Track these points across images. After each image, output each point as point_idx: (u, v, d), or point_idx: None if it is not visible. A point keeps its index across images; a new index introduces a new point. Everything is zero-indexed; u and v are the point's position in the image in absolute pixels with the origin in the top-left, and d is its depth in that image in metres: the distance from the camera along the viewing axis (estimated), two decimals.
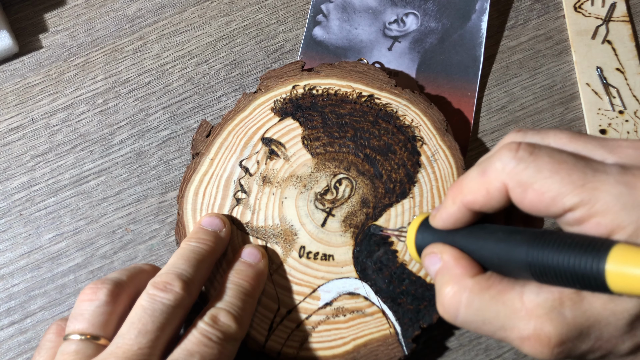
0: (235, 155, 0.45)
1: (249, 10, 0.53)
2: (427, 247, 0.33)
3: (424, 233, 0.34)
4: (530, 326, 0.27)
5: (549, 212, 0.28)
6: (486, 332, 0.29)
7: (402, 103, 0.45)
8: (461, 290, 0.29)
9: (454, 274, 0.30)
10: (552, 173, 0.27)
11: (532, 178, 0.28)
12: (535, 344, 0.27)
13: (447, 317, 0.30)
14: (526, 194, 0.28)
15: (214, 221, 0.43)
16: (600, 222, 0.26)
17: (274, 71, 0.47)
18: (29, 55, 0.52)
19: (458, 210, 0.31)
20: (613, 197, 0.26)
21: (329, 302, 0.42)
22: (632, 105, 0.48)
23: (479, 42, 0.50)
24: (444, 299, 0.30)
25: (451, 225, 0.32)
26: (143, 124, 0.50)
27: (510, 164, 0.28)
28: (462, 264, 0.30)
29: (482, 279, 0.29)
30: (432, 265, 0.32)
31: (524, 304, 0.27)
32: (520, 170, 0.28)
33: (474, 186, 0.30)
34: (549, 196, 0.27)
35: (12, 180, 0.48)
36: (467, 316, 0.29)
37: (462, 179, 0.31)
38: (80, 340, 0.36)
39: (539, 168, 0.28)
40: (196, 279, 0.39)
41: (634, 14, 0.52)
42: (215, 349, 0.36)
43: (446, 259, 0.31)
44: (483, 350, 0.44)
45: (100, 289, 0.37)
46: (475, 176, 0.30)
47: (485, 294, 0.29)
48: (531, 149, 0.28)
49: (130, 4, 0.53)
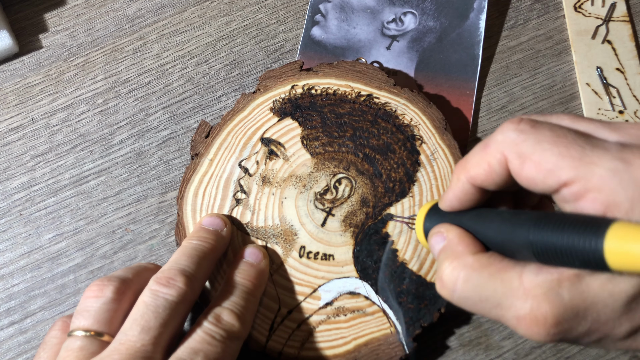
0: (235, 156, 0.45)
1: (249, 10, 0.53)
2: (434, 228, 0.33)
3: (431, 217, 0.35)
4: (527, 305, 0.27)
5: (545, 186, 0.28)
6: (482, 310, 0.29)
7: (401, 102, 0.45)
8: (460, 266, 0.30)
9: (456, 251, 0.30)
10: (551, 145, 0.27)
11: (530, 149, 0.28)
12: (531, 323, 0.27)
13: (444, 293, 0.30)
14: (524, 165, 0.28)
15: (215, 221, 0.43)
16: (595, 197, 0.26)
17: (273, 71, 0.47)
18: (29, 55, 0.52)
19: (463, 188, 0.31)
20: (609, 173, 0.26)
21: (329, 302, 0.42)
22: (632, 105, 0.48)
23: (477, 40, 0.50)
24: (442, 274, 0.30)
25: (457, 205, 0.32)
26: (143, 124, 0.50)
27: (511, 135, 0.29)
28: (465, 242, 0.31)
29: (482, 256, 0.30)
30: (437, 244, 0.32)
31: (523, 283, 0.27)
32: (520, 142, 0.28)
33: (476, 160, 0.30)
34: (546, 168, 0.27)
35: (12, 180, 0.48)
36: (464, 292, 0.29)
37: (466, 156, 0.31)
38: (84, 336, 0.36)
39: (539, 140, 0.28)
40: (199, 275, 0.39)
41: (634, 14, 0.52)
42: (218, 347, 0.36)
43: (450, 237, 0.31)
44: (483, 350, 0.43)
45: (107, 286, 0.37)
46: (478, 150, 0.30)
47: (484, 271, 0.29)
48: (533, 123, 0.29)
49: (130, 4, 0.53)
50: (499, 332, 0.44)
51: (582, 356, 0.43)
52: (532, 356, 0.43)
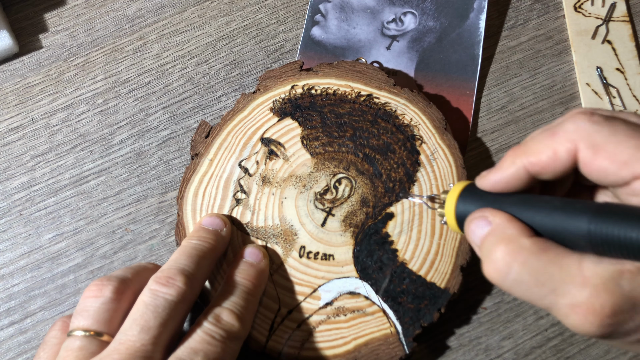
0: (235, 156, 0.45)
1: (249, 10, 0.53)
2: (474, 212, 0.31)
3: (466, 200, 0.32)
4: (585, 293, 0.26)
5: (616, 177, 0.27)
6: (534, 296, 0.28)
7: (400, 102, 0.45)
8: (517, 249, 0.28)
9: (508, 234, 0.29)
10: (627, 137, 0.27)
11: (605, 140, 0.27)
12: (587, 312, 0.26)
13: (495, 277, 0.29)
14: (597, 156, 0.27)
15: (215, 221, 0.43)
16: None
17: (273, 71, 0.47)
18: (29, 55, 0.52)
19: (516, 172, 0.30)
20: None
21: (329, 302, 0.42)
22: (632, 105, 0.48)
23: (477, 40, 0.50)
24: (496, 257, 0.29)
25: (502, 188, 0.31)
26: (143, 124, 0.50)
27: (585, 125, 0.28)
28: (517, 225, 0.29)
29: (539, 241, 0.28)
30: (480, 229, 0.30)
31: (582, 271, 0.27)
32: (593, 132, 0.27)
33: (540, 147, 0.29)
34: (621, 159, 0.27)
35: (12, 180, 0.48)
36: (520, 275, 0.28)
37: (526, 141, 0.30)
38: (84, 336, 0.36)
39: (614, 131, 0.27)
40: (198, 274, 0.39)
41: (634, 14, 0.52)
42: (218, 347, 0.36)
43: (497, 221, 0.30)
44: (483, 350, 0.43)
45: (106, 285, 0.37)
46: (543, 138, 0.29)
47: (543, 256, 0.28)
48: (606, 116, 0.28)
49: (130, 4, 0.53)
50: (499, 332, 0.44)
51: (582, 356, 0.43)
52: (532, 356, 0.43)
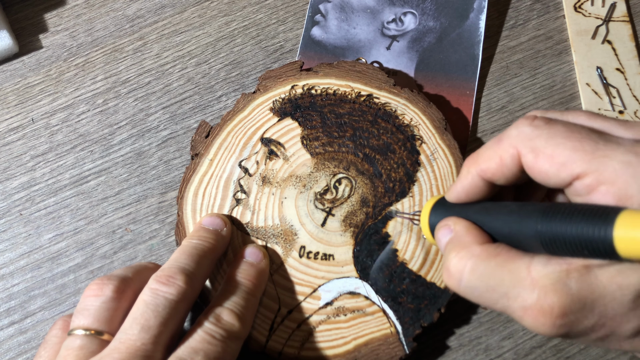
0: (235, 156, 0.45)
1: (249, 10, 0.53)
2: (440, 222, 0.33)
3: (437, 211, 0.35)
4: (534, 296, 0.27)
5: (558, 179, 0.28)
6: (488, 301, 0.29)
7: (401, 102, 0.45)
8: (467, 256, 0.30)
9: (463, 241, 0.31)
10: (564, 140, 0.28)
11: (544, 143, 0.28)
12: (537, 314, 0.27)
13: (451, 283, 0.30)
14: (537, 159, 0.28)
15: (215, 220, 0.43)
16: (608, 190, 0.26)
17: (273, 71, 0.47)
18: (29, 55, 0.52)
19: (472, 181, 0.32)
20: (622, 166, 0.26)
21: (329, 302, 0.42)
22: (632, 105, 0.48)
23: (477, 40, 0.50)
24: (449, 264, 0.30)
25: (465, 197, 0.32)
26: (143, 124, 0.50)
27: (525, 130, 0.29)
28: (472, 232, 0.31)
29: (490, 246, 0.30)
30: (444, 237, 0.32)
31: (530, 274, 0.27)
32: (534, 136, 0.29)
33: (488, 154, 0.31)
34: (559, 161, 0.28)
35: (12, 180, 0.48)
36: (471, 282, 0.29)
37: (478, 150, 0.32)
38: (84, 335, 0.36)
39: (553, 135, 0.28)
40: (199, 273, 0.39)
41: (634, 14, 0.52)
42: (219, 346, 0.36)
43: (457, 229, 0.32)
44: (483, 350, 0.43)
45: (107, 284, 0.37)
46: (491, 145, 0.31)
47: (492, 261, 0.29)
48: (547, 120, 0.29)
49: (130, 4, 0.53)
50: (499, 332, 0.44)
51: (582, 356, 0.43)
52: (532, 356, 0.43)
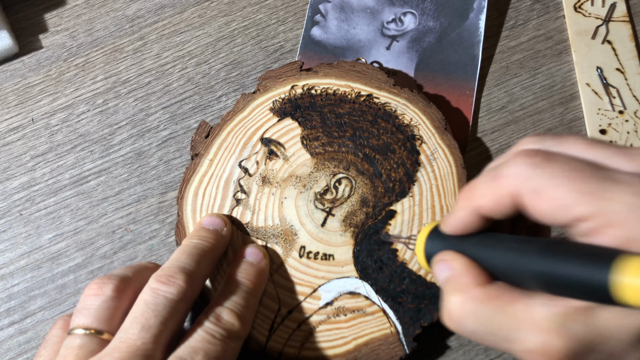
0: (235, 156, 0.45)
1: (249, 10, 0.53)
2: (437, 255, 0.32)
3: (433, 241, 0.34)
4: (538, 339, 0.26)
5: (560, 221, 0.27)
6: (491, 343, 0.29)
7: (400, 102, 0.45)
8: (468, 300, 0.29)
9: (462, 282, 0.30)
10: (566, 180, 0.27)
11: (546, 184, 0.27)
12: (541, 358, 0.26)
13: (452, 327, 0.30)
14: (538, 200, 0.27)
15: (215, 220, 0.43)
16: (614, 233, 0.25)
17: (273, 71, 0.47)
18: (29, 55, 0.52)
19: (467, 216, 0.31)
20: (628, 209, 0.25)
21: (329, 302, 0.42)
22: (632, 105, 0.48)
23: (477, 40, 0.50)
24: (450, 308, 0.29)
25: (460, 231, 0.31)
26: (143, 124, 0.50)
27: (526, 170, 0.28)
28: (471, 272, 0.30)
29: (490, 288, 0.29)
30: (441, 273, 0.31)
31: (532, 315, 0.27)
32: (534, 177, 0.27)
33: (484, 191, 0.30)
34: (562, 204, 0.27)
35: (12, 180, 0.48)
36: (473, 326, 0.29)
37: (473, 184, 0.31)
38: (84, 334, 0.36)
39: (554, 175, 0.27)
40: (199, 273, 0.39)
41: (634, 14, 0.52)
42: (219, 346, 0.36)
43: (455, 267, 0.31)
44: (483, 350, 0.43)
45: (107, 284, 0.37)
46: (486, 181, 0.30)
47: (491, 304, 0.28)
48: (547, 156, 0.28)
49: (130, 4, 0.53)
50: None
51: None
52: None
